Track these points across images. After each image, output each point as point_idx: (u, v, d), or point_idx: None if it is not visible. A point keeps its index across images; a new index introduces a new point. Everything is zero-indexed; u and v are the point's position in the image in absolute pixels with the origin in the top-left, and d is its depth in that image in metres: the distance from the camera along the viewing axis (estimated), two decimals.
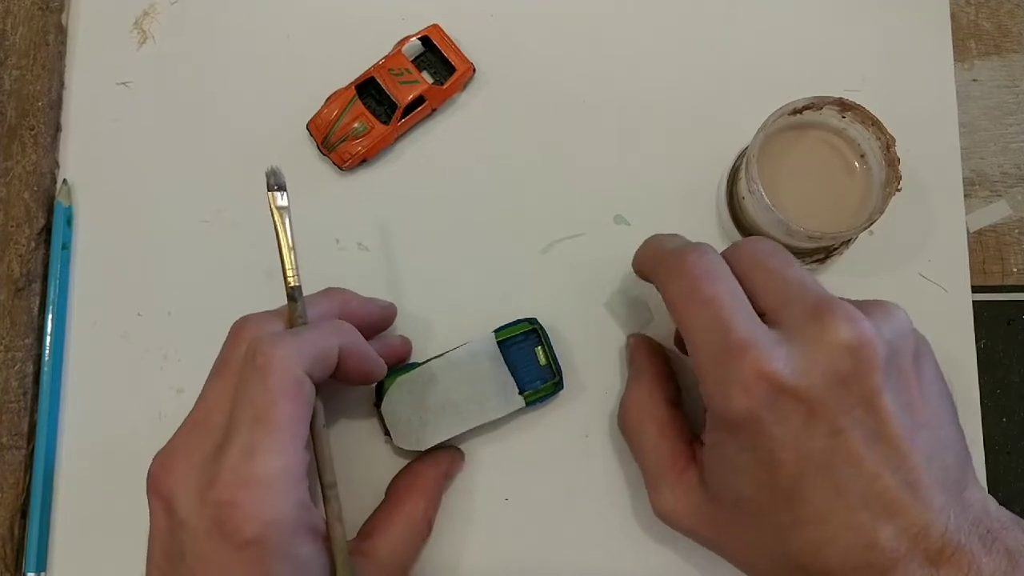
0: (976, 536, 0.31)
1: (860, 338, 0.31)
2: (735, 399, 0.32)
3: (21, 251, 0.44)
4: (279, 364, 0.33)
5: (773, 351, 0.32)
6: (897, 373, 0.33)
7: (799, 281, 0.34)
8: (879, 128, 0.41)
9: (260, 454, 0.32)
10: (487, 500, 0.43)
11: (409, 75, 0.45)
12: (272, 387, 0.33)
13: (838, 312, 0.32)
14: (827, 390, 0.31)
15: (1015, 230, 0.46)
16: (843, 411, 0.31)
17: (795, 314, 0.33)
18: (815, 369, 0.31)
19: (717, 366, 0.32)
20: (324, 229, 0.46)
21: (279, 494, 0.32)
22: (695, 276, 0.34)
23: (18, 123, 0.46)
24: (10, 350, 0.44)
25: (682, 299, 0.34)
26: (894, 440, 0.31)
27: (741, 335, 0.32)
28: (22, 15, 0.47)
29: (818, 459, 0.31)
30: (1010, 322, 0.46)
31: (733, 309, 0.33)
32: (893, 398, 0.32)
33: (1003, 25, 0.48)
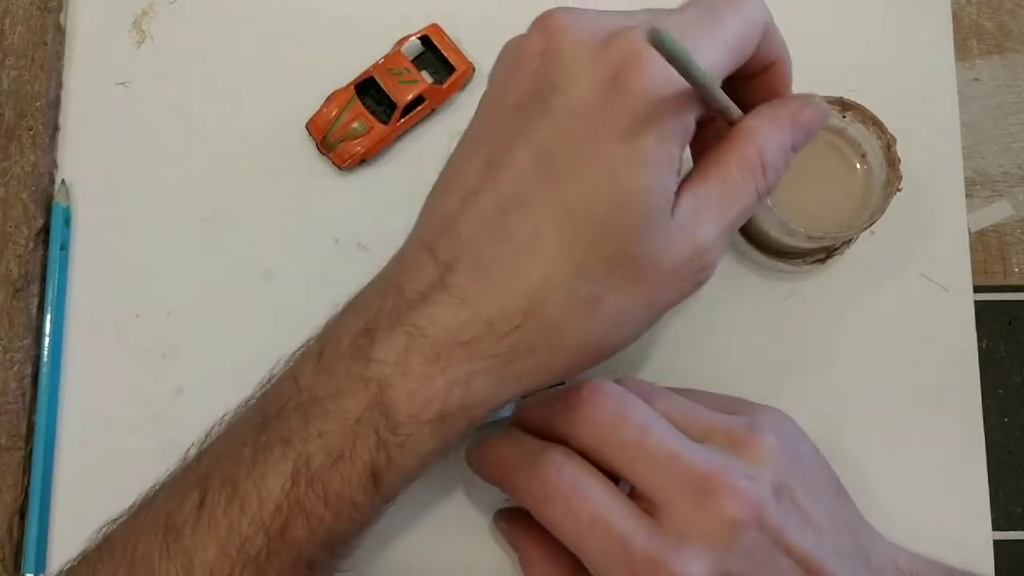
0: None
1: (752, 509, 0.32)
2: None
3: (19, 252, 0.44)
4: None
5: (680, 559, 0.31)
6: (787, 504, 0.33)
7: (666, 455, 0.33)
8: (880, 128, 0.41)
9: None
10: (487, 500, 0.43)
11: (409, 75, 0.45)
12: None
13: (722, 489, 0.32)
14: (742, 567, 0.32)
15: (1017, 230, 0.46)
16: (760, 571, 0.32)
17: (680, 503, 0.32)
18: (725, 555, 0.31)
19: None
20: (323, 229, 0.46)
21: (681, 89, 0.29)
22: (566, 496, 0.33)
23: (16, 123, 0.46)
24: (8, 351, 0.43)
25: (564, 526, 0.33)
26: (807, 563, 0.33)
27: (643, 552, 0.31)
28: (20, 15, 0.47)
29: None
30: (1012, 322, 0.45)
31: (621, 522, 0.32)
32: (794, 528, 0.33)
33: (1005, 24, 0.48)
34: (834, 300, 0.45)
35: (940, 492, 0.43)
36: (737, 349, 0.44)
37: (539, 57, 0.31)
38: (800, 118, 0.33)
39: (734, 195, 0.31)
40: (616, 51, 0.29)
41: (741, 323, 0.44)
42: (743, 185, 0.31)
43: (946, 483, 0.43)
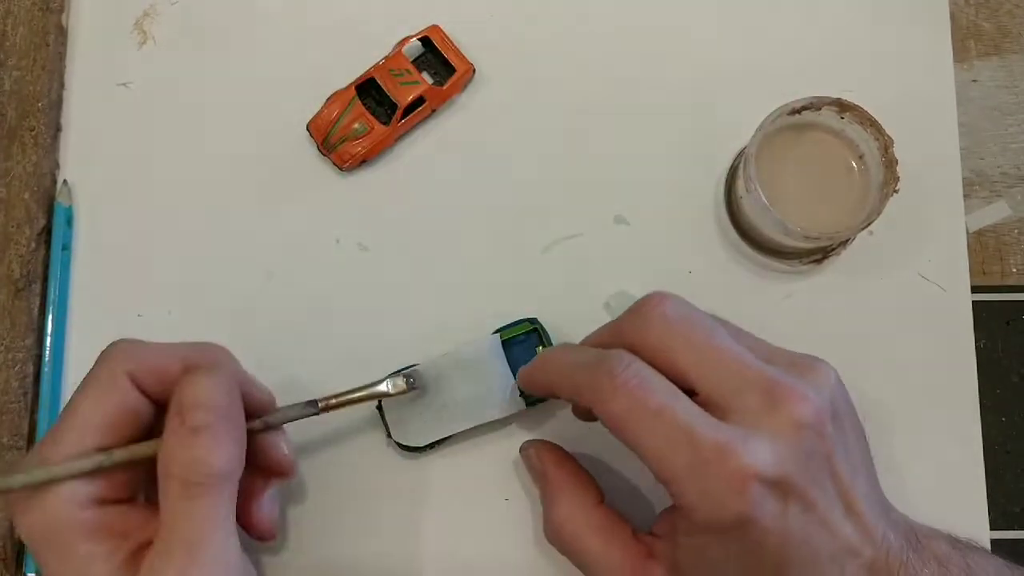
0: (911, 550, 0.34)
1: (816, 415, 0.33)
2: (727, 506, 0.31)
3: (21, 252, 0.44)
4: (105, 358, 0.35)
5: (748, 448, 0.32)
6: (839, 430, 0.34)
7: (734, 359, 0.34)
8: (877, 129, 0.41)
9: (49, 442, 0.33)
10: (487, 500, 0.43)
11: (409, 76, 0.45)
12: (90, 378, 0.34)
13: (792, 394, 0.33)
14: (798, 470, 0.32)
15: (1014, 230, 0.46)
16: (811, 484, 0.33)
17: (749, 403, 0.33)
18: (787, 454, 0.32)
19: (696, 478, 0.32)
20: (324, 229, 0.46)
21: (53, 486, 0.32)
22: (632, 389, 0.33)
23: (18, 124, 0.46)
24: (10, 351, 0.44)
25: (628, 418, 0.33)
26: (846, 495, 0.34)
27: (711, 441, 0.32)
28: (22, 16, 0.47)
29: (797, 535, 0.32)
30: (1009, 322, 0.46)
31: (687, 414, 0.32)
32: (841, 455, 0.34)
33: (1003, 25, 0.48)
34: (832, 301, 0.45)
35: (938, 491, 0.43)
36: None
37: None
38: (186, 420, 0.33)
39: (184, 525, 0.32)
40: None
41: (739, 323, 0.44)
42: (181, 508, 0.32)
43: (944, 482, 0.44)
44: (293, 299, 0.45)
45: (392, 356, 0.43)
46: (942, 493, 0.43)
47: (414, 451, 0.42)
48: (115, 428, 0.34)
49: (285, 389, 0.44)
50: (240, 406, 0.35)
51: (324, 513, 0.43)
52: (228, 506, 0.33)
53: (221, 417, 0.33)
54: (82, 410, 0.34)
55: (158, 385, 0.35)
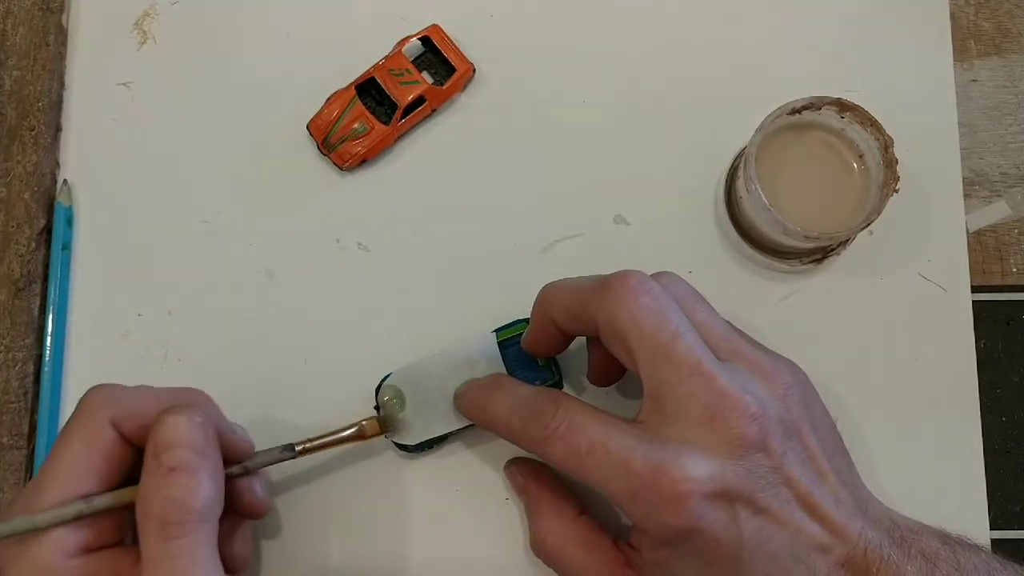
0: (895, 546, 0.34)
1: (759, 432, 0.33)
2: (669, 522, 0.32)
3: (21, 251, 0.44)
4: (86, 404, 0.35)
5: (680, 465, 0.32)
6: (794, 437, 0.35)
7: (690, 365, 0.34)
8: (877, 129, 0.41)
9: (34, 490, 0.33)
10: (487, 500, 0.43)
11: (409, 75, 0.45)
12: (72, 425, 0.34)
13: (733, 410, 0.33)
14: (741, 481, 0.33)
15: (1014, 230, 0.46)
16: (758, 491, 0.33)
17: (692, 413, 0.33)
18: (724, 467, 0.32)
19: (638, 500, 0.33)
20: (324, 229, 0.46)
21: (39, 536, 0.32)
22: (563, 435, 0.34)
23: (18, 123, 0.46)
24: (11, 350, 0.44)
25: (566, 461, 0.34)
26: (805, 499, 0.34)
27: (643, 465, 0.32)
28: (22, 15, 0.47)
29: (752, 539, 0.33)
30: (1009, 322, 0.46)
31: (618, 446, 0.33)
32: (795, 463, 0.34)
33: (1003, 25, 0.48)
34: (832, 301, 0.45)
35: (938, 491, 0.43)
36: None
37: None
38: (162, 459, 0.33)
39: (164, 566, 0.32)
40: None
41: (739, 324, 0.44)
42: (161, 549, 0.32)
43: (944, 482, 0.44)
44: (293, 299, 0.45)
45: (392, 356, 0.43)
46: (942, 493, 0.43)
47: (412, 451, 0.42)
48: (99, 475, 0.34)
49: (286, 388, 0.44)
50: (216, 444, 0.35)
51: (322, 513, 0.43)
52: (209, 545, 0.33)
53: (197, 455, 0.33)
54: (65, 458, 0.34)
55: (140, 431, 0.34)
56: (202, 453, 0.33)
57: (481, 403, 0.39)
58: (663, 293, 0.35)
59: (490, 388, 0.39)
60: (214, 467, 0.34)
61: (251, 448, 0.38)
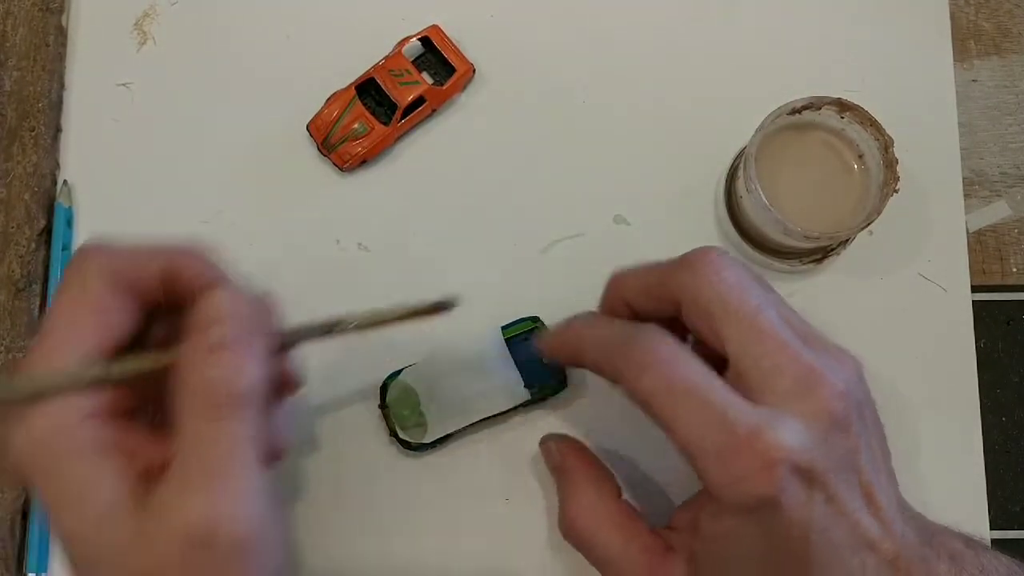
0: (928, 547, 0.34)
1: (846, 408, 0.33)
2: (754, 488, 0.31)
3: (21, 252, 0.44)
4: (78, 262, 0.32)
5: (779, 431, 0.31)
6: (864, 426, 0.34)
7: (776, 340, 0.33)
8: (877, 129, 0.41)
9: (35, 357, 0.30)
10: (487, 500, 0.43)
11: (409, 76, 0.45)
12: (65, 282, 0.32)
13: (825, 384, 0.32)
14: (824, 459, 0.32)
15: (1014, 230, 0.46)
16: (834, 475, 0.32)
17: (783, 386, 0.32)
18: (816, 442, 0.32)
19: (724, 459, 0.31)
20: (324, 229, 0.46)
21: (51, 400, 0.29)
22: (664, 366, 0.33)
23: (18, 124, 0.46)
24: (10, 351, 0.44)
25: (658, 395, 0.33)
26: (867, 488, 0.33)
27: (743, 421, 0.31)
28: (22, 16, 0.47)
29: (818, 524, 0.32)
30: (1009, 322, 0.46)
31: (719, 394, 0.32)
32: (864, 451, 0.34)
33: (1003, 25, 0.48)
34: (832, 300, 0.45)
35: (938, 491, 0.43)
36: None
37: None
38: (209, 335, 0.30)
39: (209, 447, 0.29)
40: None
41: None
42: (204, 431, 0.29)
43: (944, 482, 0.44)
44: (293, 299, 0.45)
45: (392, 355, 0.43)
46: (943, 493, 0.43)
47: (418, 449, 0.42)
48: (99, 334, 0.31)
49: None
50: (267, 323, 0.32)
51: (322, 513, 0.43)
52: (255, 428, 0.30)
53: (246, 333, 0.31)
54: (66, 322, 0.30)
55: (135, 285, 0.32)
56: (251, 330, 0.31)
57: (574, 328, 0.38)
58: (745, 269, 0.35)
59: (584, 318, 0.38)
60: (263, 348, 0.31)
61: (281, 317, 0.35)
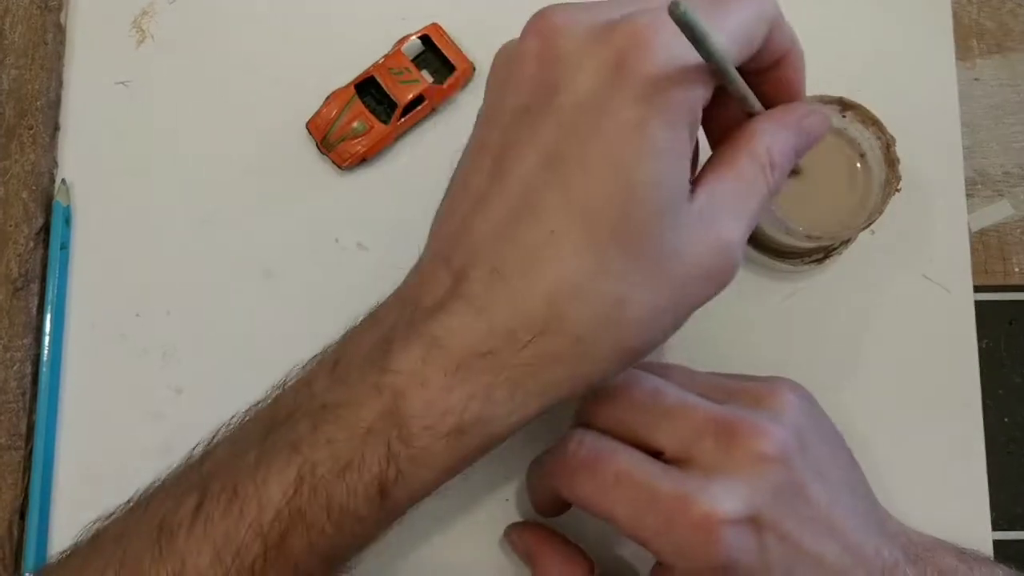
0: (910, 564, 0.33)
1: (778, 446, 0.32)
2: (701, 556, 0.31)
3: (19, 251, 0.44)
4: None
5: (708, 494, 0.31)
6: (808, 455, 0.33)
7: (681, 409, 0.33)
8: (879, 128, 0.41)
9: None
10: (487, 500, 0.43)
11: (409, 74, 0.45)
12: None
13: (747, 430, 0.32)
14: (766, 504, 0.32)
15: (1017, 230, 0.46)
16: (783, 516, 0.32)
17: (706, 448, 0.32)
18: (751, 490, 0.31)
19: (666, 535, 0.31)
20: (324, 229, 0.46)
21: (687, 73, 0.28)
22: (589, 464, 0.33)
23: (16, 122, 0.46)
24: (8, 350, 0.44)
25: (592, 493, 0.33)
26: (825, 519, 0.33)
27: (670, 494, 0.31)
28: (20, 14, 0.47)
29: (779, 568, 0.32)
30: (1012, 322, 0.45)
31: (645, 474, 0.32)
32: (814, 480, 0.33)
33: (1005, 24, 0.48)
34: (834, 300, 0.45)
35: (940, 492, 0.43)
36: (736, 349, 0.44)
37: (536, 60, 0.30)
38: (806, 123, 0.32)
39: (748, 192, 0.30)
40: (618, 38, 0.28)
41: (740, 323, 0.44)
42: (756, 183, 0.30)
43: (946, 483, 0.43)
44: (293, 299, 0.45)
45: None
46: (944, 494, 0.43)
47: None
48: None
49: None
50: None
51: None
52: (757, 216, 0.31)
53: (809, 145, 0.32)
54: None
55: None
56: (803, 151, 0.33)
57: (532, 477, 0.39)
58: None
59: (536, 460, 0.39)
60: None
61: None
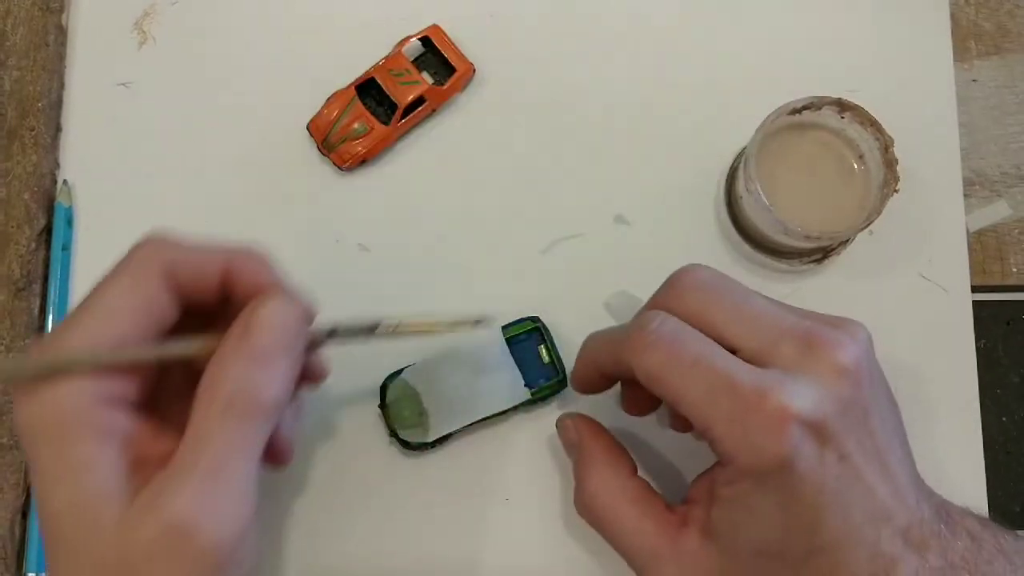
0: (942, 523, 0.33)
1: (855, 362, 0.33)
2: (766, 448, 0.31)
3: (21, 252, 0.44)
4: (140, 249, 0.32)
5: (787, 390, 0.31)
6: (876, 387, 0.34)
7: (769, 314, 0.34)
8: (878, 129, 0.41)
9: (65, 328, 0.30)
10: (487, 500, 0.43)
11: (409, 75, 0.45)
12: (121, 267, 0.32)
13: (829, 340, 0.33)
14: (836, 416, 0.32)
15: (1015, 230, 0.46)
16: (846, 434, 0.32)
17: (787, 351, 0.33)
18: (826, 397, 0.32)
19: (735, 422, 0.32)
20: (324, 229, 0.46)
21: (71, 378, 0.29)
22: (667, 342, 0.33)
23: (18, 124, 0.46)
24: (10, 351, 0.44)
25: (665, 370, 0.33)
26: (882, 453, 0.33)
27: (749, 384, 0.32)
28: (22, 16, 0.47)
29: (832, 486, 0.32)
30: (1010, 322, 0.46)
31: (724, 361, 0.33)
32: (877, 413, 0.33)
33: (1003, 25, 0.48)
34: (832, 300, 0.45)
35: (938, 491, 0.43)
36: None
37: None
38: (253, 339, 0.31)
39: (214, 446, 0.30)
40: None
41: None
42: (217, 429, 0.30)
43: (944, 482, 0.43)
44: None
45: (393, 355, 0.43)
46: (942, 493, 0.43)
47: (418, 449, 0.42)
48: (139, 324, 0.31)
49: None
50: (304, 338, 0.33)
51: (322, 513, 0.43)
52: (264, 438, 0.31)
53: (287, 348, 0.31)
54: (109, 299, 0.31)
55: (192, 286, 0.32)
56: (291, 347, 0.32)
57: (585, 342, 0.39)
58: (717, 271, 0.36)
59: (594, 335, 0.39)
60: (296, 363, 0.32)
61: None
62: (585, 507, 0.38)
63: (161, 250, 0.32)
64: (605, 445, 0.39)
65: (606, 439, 0.39)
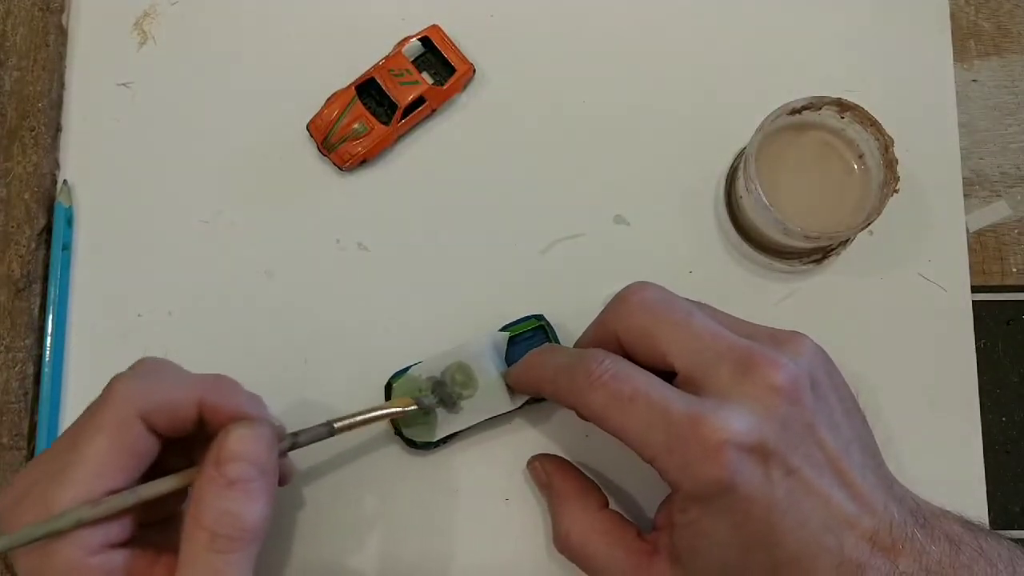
0: (917, 526, 0.34)
1: (791, 381, 0.33)
2: (705, 474, 0.32)
3: (21, 252, 0.44)
4: (112, 398, 0.33)
5: (719, 416, 0.32)
6: (821, 399, 0.35)
7: (708, 335, 0.35)
8: (878, 129, 0.41)
9: (53, 483, 0.32)
10: (487, 500, 0.43)
11: (409, 76, 0.45)
12: (97, 419, 0.33)
13: (763, 361, 0.33)
14: (775, 435, 0.33)
15: (1014, 230, 0.46)
16: (790, 450, 0.33)
17: (722, 374, 0.34)
18: (761, 419, 0.33)
19: (674, 452, 0.33)
20: (324, 229, 0.46)
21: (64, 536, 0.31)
22: (607, 381, 0.34)
23: (18, 124, 0.46)
24: (11, 351, 0.44)
25: (607, 409, 0.34)
26: (835, 464, 0.34)
27: (684, 413, 0.33)
28: (22, 16, 0.47)
29: (783, 502, 0.33)
30: (1009, 322, 0.46)
31: (660, 395, 0.34)
32: (824, 424, 0.34)
33: (1003, 25, 0.48)
34: (832, 300, 0.45)
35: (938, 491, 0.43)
36: None
37: None
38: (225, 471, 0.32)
39: None
40: None
41: None
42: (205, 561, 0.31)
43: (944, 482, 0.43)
44: (293, 299, 0.45)
45: (393, 355, 0.43)
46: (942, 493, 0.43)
47: (422, 447, 0.42)
48: (126, 471, 0.33)
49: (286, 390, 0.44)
50: (276, 460, 0.34)
51: (322, 512, 0.43)
52: (252, 562, 0.32)
53: (260, 472, 0.33)
54: (91, 454, 0.32)
55: (169, 424, 0.34)
56: (264, 470, 0.33)
57: (529, 362, 0.40)
58: (665, 290, 0.37)
59: (539, 352, 0.40)
60: (272, 484, 0.33)
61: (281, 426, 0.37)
62: (561, 544, 0.39)
63: (135, 400, 0.33)
64: (573, 482, 0.40)
65: (573, 476, 0.41)
